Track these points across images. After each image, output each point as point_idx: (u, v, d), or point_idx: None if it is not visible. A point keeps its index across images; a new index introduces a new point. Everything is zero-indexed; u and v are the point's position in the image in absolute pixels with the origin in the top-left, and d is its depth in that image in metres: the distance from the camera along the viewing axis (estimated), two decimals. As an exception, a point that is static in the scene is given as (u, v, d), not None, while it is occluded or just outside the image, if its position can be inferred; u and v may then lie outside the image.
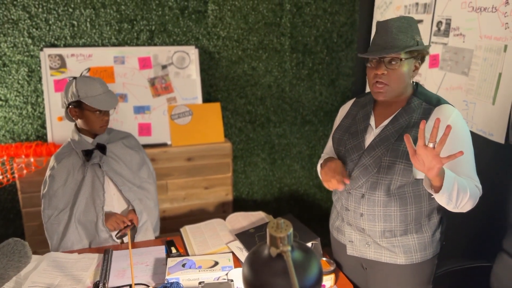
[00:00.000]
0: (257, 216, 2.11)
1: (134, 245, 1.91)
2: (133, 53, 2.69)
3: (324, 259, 1.68)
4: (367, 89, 3.15)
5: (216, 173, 2.81)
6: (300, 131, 3.15)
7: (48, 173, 1.88)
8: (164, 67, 2.75)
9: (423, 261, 1.57)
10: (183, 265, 1.62)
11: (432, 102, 1.51)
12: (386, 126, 1.54)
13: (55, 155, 1.90)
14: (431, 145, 1.23)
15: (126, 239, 1.93)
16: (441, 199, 1.36)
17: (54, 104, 2.58)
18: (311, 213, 3.36)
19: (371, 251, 1.60)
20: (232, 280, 1.45)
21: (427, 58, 2.46)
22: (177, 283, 1.49)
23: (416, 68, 1.52)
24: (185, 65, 2.79)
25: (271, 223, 0.96)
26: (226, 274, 1.55)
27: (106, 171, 1.87)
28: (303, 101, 3.09)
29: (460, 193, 1.35)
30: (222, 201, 2.88)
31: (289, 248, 0.91)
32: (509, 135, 1.87)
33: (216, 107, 2.83)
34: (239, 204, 3.15)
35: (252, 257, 1.00)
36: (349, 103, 1.78)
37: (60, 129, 2.59)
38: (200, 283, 1.43)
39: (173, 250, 1.82)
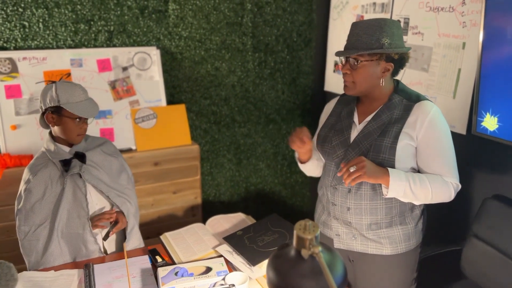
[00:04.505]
0: (237, 218, 2.09)
1: (115, 256, 1.82)
2: (91, 55, 2.56)
3: (315, 255, 1.70)
4: (326, 87, 3.23)
5: (184, 177, 2.75)
6: (264, 130, 3.16)
7: (22, 187, 1.73)
8: (125, 69, 2.64)
9: (407, 251, 1.64)
10: (176, 274, 1.57)
11: (412, 98, 1.57)
12: (369, 122, 1.59)
13: (29, 167, 1.76)
14: (351, 169, 1.45)
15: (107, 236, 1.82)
16: (397, 197, 1.51)
17: (6, 112, 2.38)
18: (277, 210, 3.39)
19: (358, 243, 1.65)
20: (233, 285, 1.43)
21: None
22: (175, 293, 1.44)
23: (387, 70, 1.53)
24: (146, 67, 2.69)
25: (298, 225, 0.95)
26: (223, 279, 1.53)
27: (88, 179, 1.76)
28: (266, 100, 3.11)
29: (417, 190, 1.48)
30: (191, 205, 2.82)
31: (320, 248, 0.91)
32: (472, 126, 2.00)
33: (181, 109, 2.77)
34: (207, 206, 3.11)
35: (277, 261, 1.00)
36: (334, 101, 1.81)
37: (14, 138, 2.40)
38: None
39: (159, 259, 1.75)
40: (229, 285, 1.43)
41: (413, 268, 1.70)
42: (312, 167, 1.81)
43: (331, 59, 3.15)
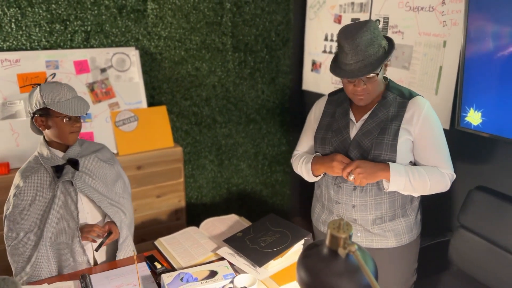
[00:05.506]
0: (231, 220, 2.07)
1: (106, 267, 1.75)
2: (68, 56, 2.45)
3: (318, 253, 1.71)
4: (304, 86, 3.26)
5: (168, 180, 2.69)
6: (245, 130, 3.15)
7: (12, 191, 1.66)
8: (103, 70, 2.55)
9: (410, 242, 1.69)
10: (181, 279, 1.53)
11: (405, 95, 1.62)
12: (366, 120, 1.62)
13: (20, 171, 1.68)
14: (351, 177, 1.52)
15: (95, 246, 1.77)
16: (398, 190, 1.55)
17: (-23, 118, 2.24)
18: (260, 210, 3.39)
19: (363, 239, 1.68)
20: (245, 287, 1.42)
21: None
22: (185, 299, 1.41)
23: (386, 66, 1.59)
24: (125, 68, 2.61)
25: (331, 224, 0.95)
26: (231, 282, 1.51)
27: (80, 188, 1.68)
28: (246, 100, 3.10)
29: (416, 183, 1.53)
30: (175, 208, 2.76)
31: (356, 247, 0.92)
32: (456, 121, 2.08)
33: (162, 110, 2.70)
34: (190, 209, 3.06)
35: (308, 261, 0.99)
36: (322, 101, 1.81)
37: (-13, 145, 2.26)
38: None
39: (158, 266, 1.71)
40: (241, 287, 1.41)
41: (415, 259, 1.76)
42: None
43: (308, 58, 3.18)
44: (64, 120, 1.62)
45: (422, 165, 1.60)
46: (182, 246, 1.86)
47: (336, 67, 1.53)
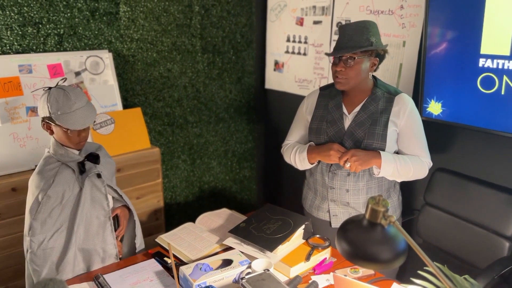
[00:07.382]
0: (225, 213, 2.17)
1: (119, 265, 1.79)
2: (41, 60, 2.39)
3: (317, 236, 1.88)
4: (267, 85, 3.42)
5: (146, 181, 2.71)
6: (215, 129, 3.25)
7: (38, 194, 1.64)
8: (77, 73, 2.52)
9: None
10: (200, 269, 1.62)
11: (392, 92, 1.83)
12: (358, 113, 1.81)
13: (40, 173, 1.66)
14: (347, 165, 1.70)
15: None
16: (386, 176, 1.77)
17: None
18: (228, 205, 3.49)
19: None
20: (268, 270, 1.53)
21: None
22: (212, 286, 1.50)
23: (374, 65, 1.77)
24: (100, 71, 2.60)
25: (372, 200, 1.12)
26: (249, 267, 1.62)
27: (105, 180, 1.77)
28: (216, 100, 3.19)
29: (401, 169, 1.75)
30: (154, 208, 2.79)
31: (395, 217, 1.09)
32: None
33: (137, 112, 2.72)
34: (165, 209, 3.09)
35: (349, 234, 1.15)
36: (314, 95, 1.97)
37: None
38: (241, 278, 1.47)
39: (168, 261, 1.77)
40: (264, 270, 1.53)
41: None
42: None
43: (270, 58, 3.35)
44: (69, 131, 1.63)
45: (405, 154, 1.82)
46: (185, 241, 1.93)
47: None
